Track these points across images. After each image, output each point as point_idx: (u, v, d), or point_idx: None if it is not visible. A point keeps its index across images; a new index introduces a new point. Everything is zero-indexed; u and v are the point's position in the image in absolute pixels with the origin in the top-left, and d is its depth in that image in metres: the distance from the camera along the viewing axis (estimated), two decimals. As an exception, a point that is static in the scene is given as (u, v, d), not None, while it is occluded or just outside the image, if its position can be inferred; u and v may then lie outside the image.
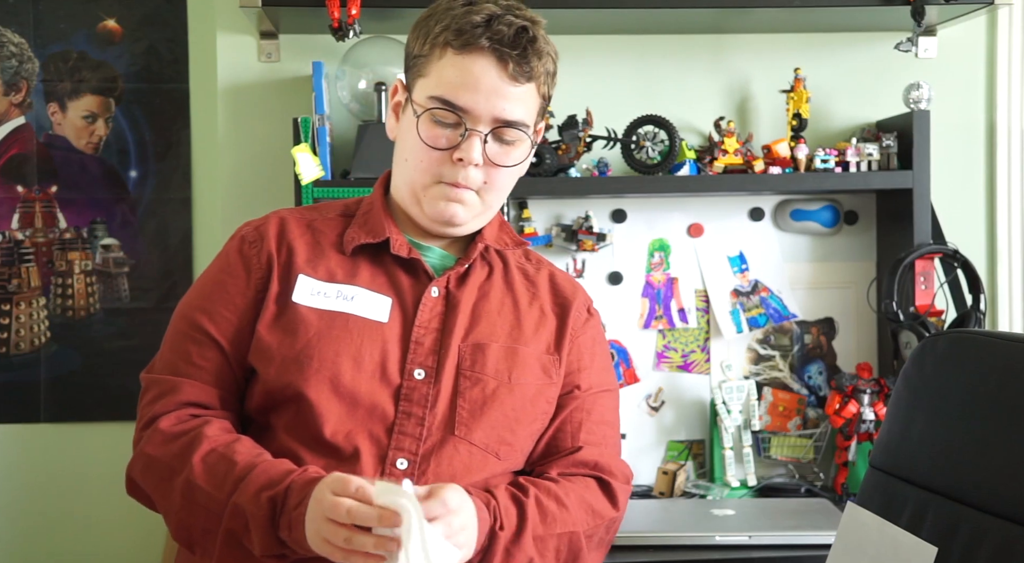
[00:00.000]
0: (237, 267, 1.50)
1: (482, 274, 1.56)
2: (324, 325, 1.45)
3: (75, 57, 2.59)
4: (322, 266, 1.50)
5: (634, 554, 2.08)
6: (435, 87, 1.46)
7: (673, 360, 2.58)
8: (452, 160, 1.46)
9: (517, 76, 1.46)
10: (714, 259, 2.58)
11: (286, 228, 1.53)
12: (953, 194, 2.60)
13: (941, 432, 1.32)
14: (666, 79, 2.57)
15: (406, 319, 1.48)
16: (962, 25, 2.55)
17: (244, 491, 1.33)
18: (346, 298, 1.47)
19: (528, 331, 1.54)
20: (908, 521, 1.31)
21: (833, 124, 2.59)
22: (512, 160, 1.50)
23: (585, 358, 1.59)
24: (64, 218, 2.60)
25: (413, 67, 1.51)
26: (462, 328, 1.49)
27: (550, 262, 1.68)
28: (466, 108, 1.45)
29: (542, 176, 2.38)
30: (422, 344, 1.47)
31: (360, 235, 1.52)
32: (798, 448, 2.57)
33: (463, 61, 1.44)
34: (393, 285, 1.50)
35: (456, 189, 1.48)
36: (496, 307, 1.54)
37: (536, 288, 1.60)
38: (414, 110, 1.48)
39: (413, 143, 1.48)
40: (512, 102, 1.46)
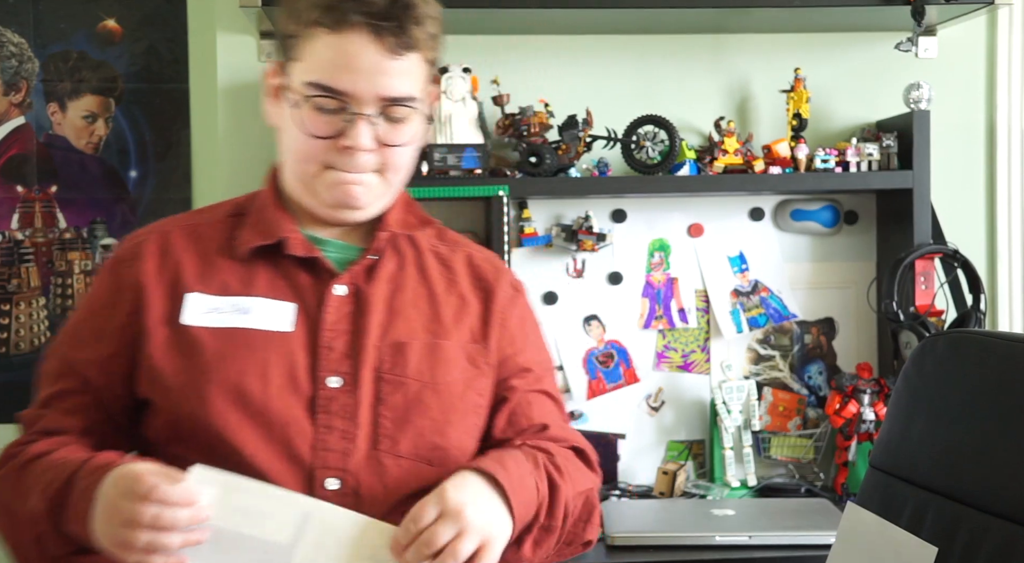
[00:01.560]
0: (105, 290, 1.39)
1: (392, 265, 1.44)
2: (222, 345, 1.32)
3: (75, 57, 2.59)
4: (215, 279, 1.37)
5: (634, 554, 2.08)
6: (311, 72, 1.34)
7: (673, 360, 2.58)
8: (339, 148, 1.35)
9: (397, 49, 1.33)
10: (714, 259, 2.58)
11: (169, 242, 1.40)
12: (953, 194, 2.59)
13: (941, 432, 1.32)
14: (666, 79, 2.57)
15: (312, 324, 1.36)
16: (962, 25, 2.55)
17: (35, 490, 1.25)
18: (243, 311, 1.35)
19: (448, 322, 1.42)
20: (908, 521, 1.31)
21: (833, 124, 2.59)
22: (405, 137, 1.38)
23: (519, 338, 1.49)
24: (64, 218, 2.60)
25: (286, 49, 1.39)
26: (377, 327, 1.37)
27: (467, 240, 1.56)
28: (347, 91, 1.33)
29: (542, 176, 2.38)
30: (333, 348, 1.35)
31: (252, 237, 1.40)
32: (798, 448, 2.57)
33: (336, 40, 1.32)
34: (295, 289, 1.38)
35: (348, 176, 1.37)
36: (412, 300, 1.42)
37: (453, 272, 1.48)
38: (293, 99, 1.36)
39: (295, 133, 1.37)
40: (396, 78, 1.34)
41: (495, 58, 2.49)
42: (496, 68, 2.46)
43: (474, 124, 2.39)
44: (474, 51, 2.48)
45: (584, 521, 1.41)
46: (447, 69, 2.38)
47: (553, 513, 1.34)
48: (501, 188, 2.34)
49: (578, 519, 1.40)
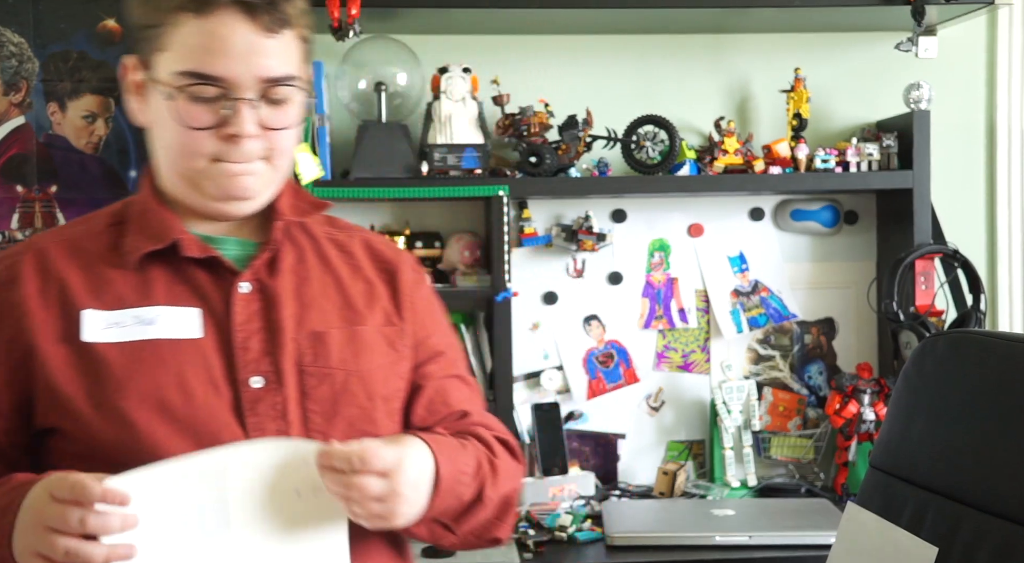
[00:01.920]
0: None
1: (292, 257, 1.37)
2: (131, 360, 1.24)
3: (75, 57, 2.59)
4: (107, 292, 1.28)
5: (634, 554, 2.08)
6: (181, 61, 1.25)
7: (673, 360, 2.58)
8: (223, 137, 1.27)
9: (272, 27, 1.26)
10: (714, 259, 2.58)
11: (48, 259, 1.30)
12: (953, 194, 2.60)
13: (941, 432, 1.32)
14: (666, 79, 2.57)
15: (221, 326, 1.29)
16: (962, 25, 2.55)
17: None
18: (146, 322, 1.26)
19: (360, 308, 1.37)
20: (908, 521, 1.31)
21: (833, 124, 2.59)
22: (290, 119, 1.31)
23: (429, 321, 1.44)
24: (64, 218, 2.60)
25: (146, 41, 1.29)
26: (291, 320, 1.31)
27: (360, 227, 1.50)
28: (224, 76, 1.24)
29: (542, 176, 2.38)
30: (249, 348, 1.28)
31: (141, 243, 1.30)
32: (798, 448, 2.57)
33: (205, 24, 1.24)
34: (196, 292, 1.30)
35: (236, 165, 1.28)
36: (320, 290, 1.36)
37: (354, 258, 1.42)
38: (165, 92, 1.26)
39: (172, 127, 1.27)
40: (274, 57, 1.26)
41: (495, 58, 2.49)
42: (496, 68, 2.46)
43: (474, 124, 2.39)
44: (474, 51, 2.48)
45: (498, 519, 1.37)
46: (447, 69, 2.38)
47: (460, 522, 1.32)
48: (501, 188, 2.34)
49: (492, 519, 1.37)
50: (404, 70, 2.42)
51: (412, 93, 2.44)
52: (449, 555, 2.06)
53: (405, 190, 2.34)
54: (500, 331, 2.35)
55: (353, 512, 1.18)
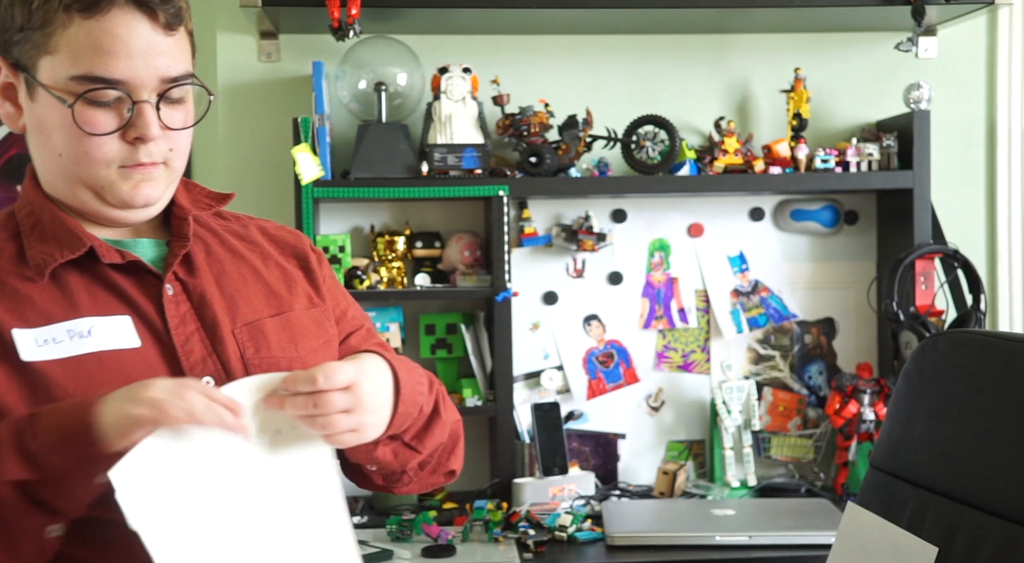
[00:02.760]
0: None
1: (202, 252, 1.33)
2: (76, 375, 1.18)
3: (75, 57, 2.59)
4: (28, 309, 1.20)
5: (634, 554, 2.08)
6: (75, 64, 1.18)
7: (673, 360, 2.58)
8: (127, 140, 1.22)
9: (170, 24, 1.21)
10: (714, 259, 2.58)
11: None
12: (953, 194, 2.60)
13: (941, 432, 1.32)
14: (666, 79, 2.57)
15: (157, 333, 1.24)
16: (962, 25, 2.55)
17: None
18: (81, 335, 1.20)
19: (283, 292, 1.35)
20: (908, 521, 1.31)
21: (833, 124, 2.59)
22: (189, 119, 1.27)
23: (340, 297, 1.45)
24: (64, 218, 2.60)
25: (24, 42, 1.21)
26: (224, 315, 1.28)
27: (246, 214, 1.46)
28: (123, 78, 1.19)
29: (542, 176, 2.38)
30: (191, 351, 1.24)
31: (52, 252, 1.23)
32: (798, 448, 2.57)
33: (100, 25, 1.18)
34: (121, 299, 1.24)
35: (142, 168, 1.24)
36: (239, 281, 1.33)
37: (258, 245, 1.40)
38: (58, 97, 1.20)
39: (68, 134, 1.21)
40: (171, 56, 1.22)
41: (495, 58, 2.49)
42: (496, 68, 2.46)
43: (474, 124, 2.39)
44: (474, 51, 2.48)
45: (448, 452, 1.40)
46: (447, 69, 2.38)
47: (423, 439, 1.33)
48: (501, 188, 2.34)
49: (443, 449, 1.39)
50: (404, 70, 2.42)
51: (412, 93, 2.44)
52: (450, 555, 2.06)
53: (405, 190, 2.35)
54: (500, 331, 2.35)
55: (325, 433, 1.17)
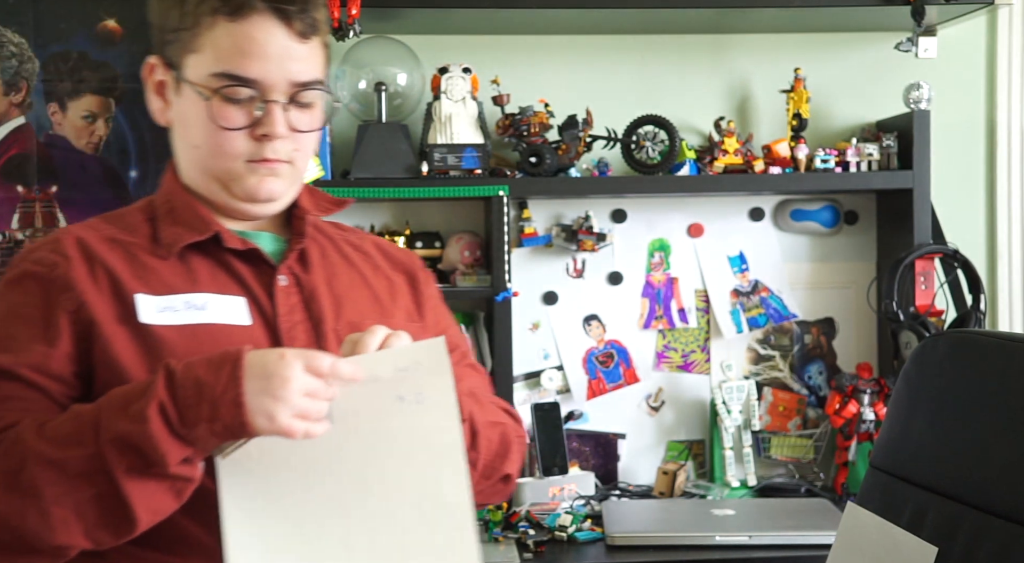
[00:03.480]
0: (37, 296, 1.29)
1: (318, 253, 1.42)
2: (188, 342, 1.28)
3: (75, 57, 2.59)
4: (154, 279, 1.31)
5: (634, 554, 2.08)
6: (216, 62, 1.29)
7: (673, 360, 2.58)
8: (255, 137, 1.32)
9: (304, 33, 1.31)
10: (714, 259, 2.58)
11: (88, 246, 1.33)
12: (953, 194, 2.60)
13: (941, 432, 1.32)
14: (666, 79, 2.57)
15: (266, 316, 1.34)
16: (962, 25, 2.55)
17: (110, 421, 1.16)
18: (197, 307, 1.31)
19: (387, 302, 1.44)
20: (908, 521, 1.31)
21: (833, 124, 2.59)
22: (315, 123, 1.36)
23: (443, 318, 1.52)
24: (64, 218, 2.60)
25: (175, 42, 1.33)
26: (330, 311, 1.37)
27: (364, 231, 1.57)
28: (258, 78, 1.29)
29: (542, 176, 2.38)
30: (295, 338, 1.33)
31: (182, 234, 1.34)
32: (798, 448, 2.57)
33: (241, 28, 1.28)
34: (238, 282, 1.35)
35: (267, 164, 1.33)
36: (349, 283, 1.42)
37: (370, 257, 1.48)
38: (199, 92, 1.31)
39: (204, 127, 1.32)
40: (303, 62, 1.32)
41: (495, 58, 2.49)
42: (496, 68, 2.46)
43: (474, 124, 2.39)
44: (474, 51, 2.48)
45: (500, 455, 1.42)
46: (447, 69, 2.38)
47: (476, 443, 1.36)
48: (501, 188, 2.34)
49: (495, 452, 1.41)
50: (404, 70, 2.42)
51: (412, 93, 2.44)
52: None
53: (405, 190, 2.35)
54: (500, 331, 2.35)
55: None
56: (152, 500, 1.18)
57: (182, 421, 1.15)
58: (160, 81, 1.37)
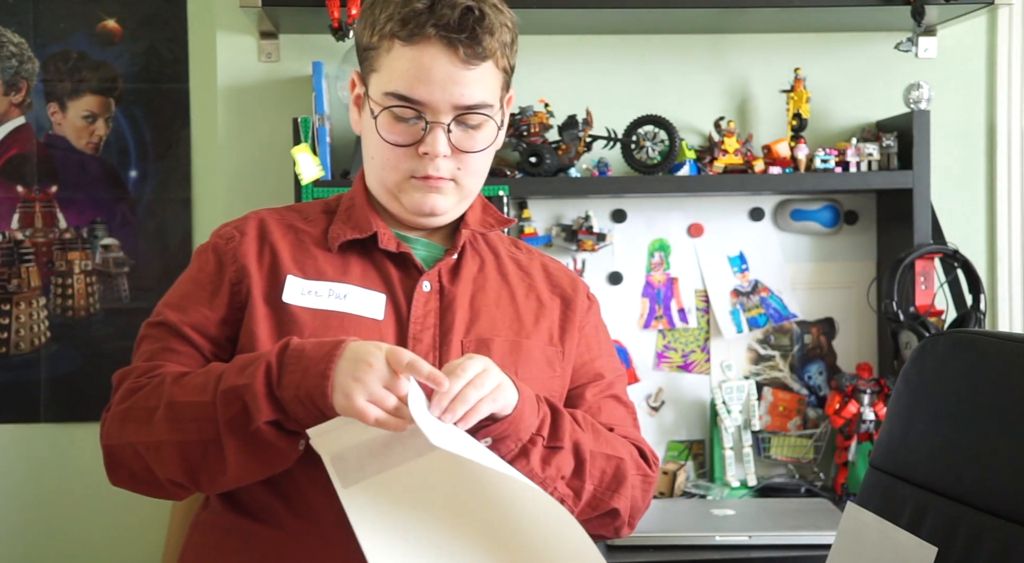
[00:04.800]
0: (211, 263, 1.46)
1: (474, 266, 1.52)
2: (319, 325, 1.40)
3: (75, 57, 2.59)
4: (310, 265, 1.45)
5: (634, 554, 2.08)
6: (388, 83, 1.41)
7: (673, 360, 2.58)
8: (418, 155, 1.42)
9: (470, 59, 1.39)
10: (714, 259, 2.58)
11: (267, 228, 1.49)
12: (953, 194, 2.60)
13: (941, 432, 1.32)
14: (666, 79, 2.57)
15: (400, 316, 1.44)
16: (962, 25, 2.55)
17: (228, 377, 1.29)
18: (338, 296, 1.43)
19: (528, 323, 1.50)
20: (908, 521, 1.31)
21: (833, 124, 2.59)
22: (481, 144, 1.45)
23: (595, 345, 1.57)
24: (64, 218, 2.60)
25: (365, 60, 1.46)
26: (462, 324, 1.45)
27: (541, 251, 1.65)
28: (423, 101, 1.40)
29: (542, 176, 2.38)
30: (421, 341, 1.42)
31: (346, 231, 1.48)
32: (798, 448, 2.57)
33: (412, 52, 1.39)
34: (384, 281, 1.46)
35: (429, 181, 1.44)
36: (494, 300, 1.49)
37: (531, 277, 1.56)
38: (371, 108, 1.44)
39: (376, 141, 1.45)
40: (469, 87, 1.41)
41: (495, 58, 2.49)
42: (496, 68, 2.46)
43: (474, 124, 2.39)
44: (474, 51, 2.48)
45: (611, 490, 1.45)
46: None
47: (557, 434, 1.38)
48: (501, 188, 2.34)
49: (606, 485, 1.44)
50: (404, 70, 2.42)
51: (412, 93, 2.44)
52: None
53: (405, 190, 2.34)
54: (500, 331, 2.35)
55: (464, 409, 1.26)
56: (243, 457, 1.28)
57: (279, 383, 1.26)
58: (358, 94, 1.49)
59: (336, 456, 1.25)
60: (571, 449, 1.39)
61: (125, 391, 1.37)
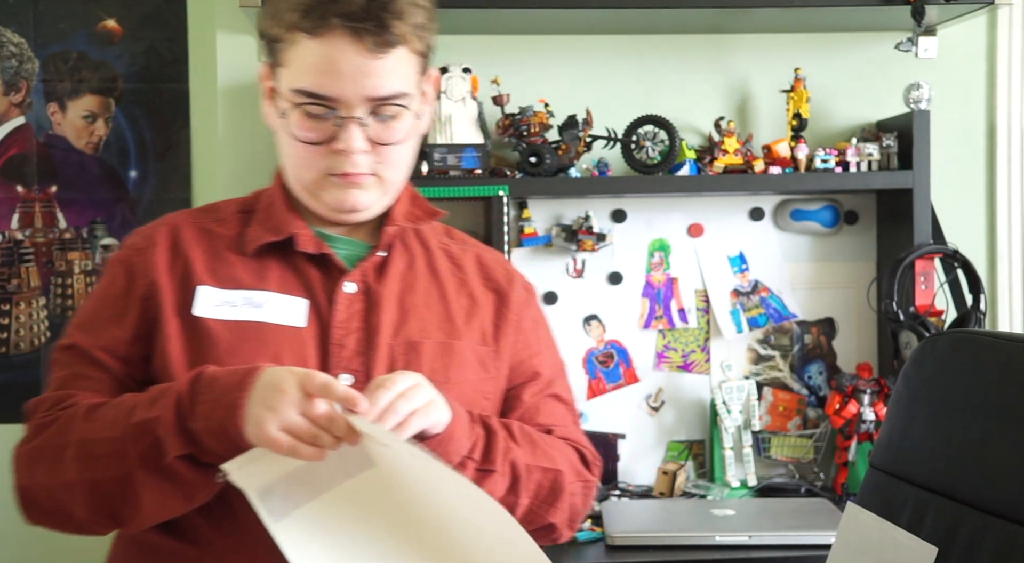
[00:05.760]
0: (120, 278, 1.37)
1: (403, 263, 1.43)
2: (235, 337, 1.32)
3: (75, 57, 2.59)
4: (224, 272, 1.37)
5: (634, 554, 2.08)
6: (296, 79, 1.32)
7: (673, 360, 2.58)
8: (334, 151, 1.34)
9: (379, 48, 1.30)
10: (714, 259, 2.58)
11: (179, 235, 1.40)
12: (953, 194, 2.60)
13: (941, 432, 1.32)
14: (666, 79, 2.57)
15: (323, 321, 1.35)
16: (962, 25, 2.55)
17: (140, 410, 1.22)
18: (255, 305, 1.34)
19: (460, 323, 1.42)
20: (908, 521, 1.31)
21: (833, 124, 2.59)
22: (399, 135, 1.37)
23: (533, 341, 1.49)
24: (64, 218, 2.60)
25: (272, 53, 1.37)
26: (390, 325, 1.37)
27: (476, 241, 1.56)
28: (333, 96, 1.31)
29: (542, 176, 2.38)
30: (344, 346, 1.34)
31: (261, 234, 1.39)
32: (798, 448, 2.57)
33: (317, 46, 1.30)
34: (305, 285, 1.38)
35: (348, 178, 1.36)
36: (423, 299, 1.42)
37: (463, 271, 1.48)
38: (281, 106, 1.36)
39: (287, 139, 1.37)
40: (381, 78, 1.32)
41: (495, 58, 2.49)
42: (496, 68, 2.46)
43: (474, 124, 2.39)
44: (474, 51, 2.48)
45: (547, 504, 1.39)
46: (447, 69, 2.38)
47: (490, 457, 1.32)
48: (501, 188, 2.34)
49: (542, 499, 1.39)
50: (404, 70, 2.42)
51: (412, 93, 2.44)
52: None
53: (405, 190, 2.34)
54: (500, 331, 2.35)
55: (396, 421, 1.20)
56: (158, 494, 1.22)
57: (191, 414, 1.19)
58: (269, 87, 1.40)
59: (262, 491, 1.17)
60: (505, 472, 1.33)
61: (35, 428, 1.30)
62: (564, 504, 1.41)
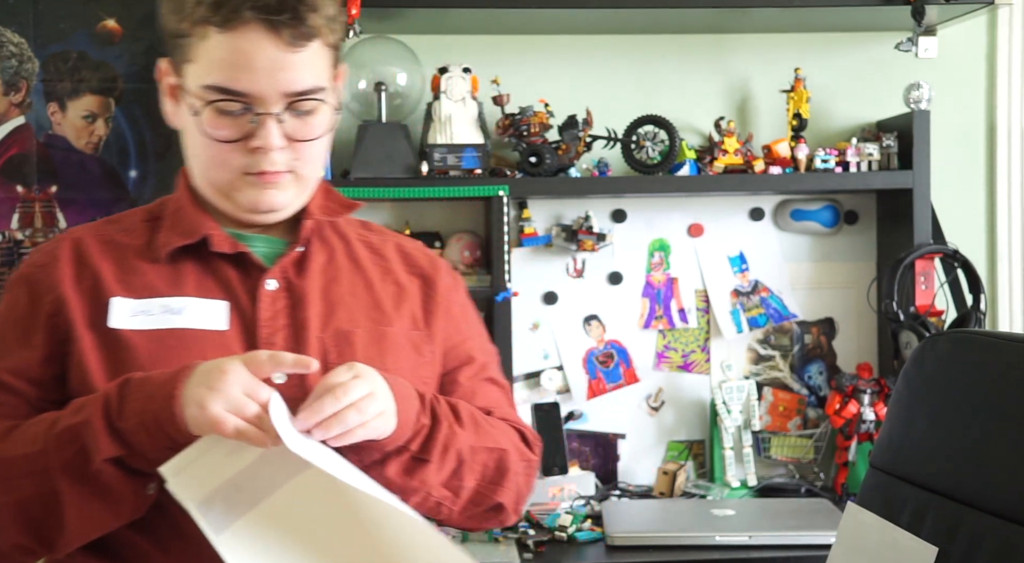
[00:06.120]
0: (23, 298, 1.31)
1: (323, 257, 1.39)
2: (156, 347, 1.26)
3: (75, 57, 2.59)
4: (137, 282, 1.31)
5: (634, 554, 2.09)
6: (207, 75, 1.26)
7: (673, 360, 2.58)
8: (249, 149, 1.28)
9: (295, 41, 1.25)
10: (714, 259, 2.58)
11: (83, 248, 1.33)
12: (953, 194, 2.60)
13: (941, 432, 1.32)
14: (666, 79, 2.57)
15: (246, 321, 1.30)
16: (962, 25, 2.55)
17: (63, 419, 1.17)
18: (173, 312, 1.28)
19: (389, 309, 1.38)
20: (908, 521, 1.31)
21: (833, 124, 2.59)
22: (317, 130, 1.31)
23: (464, 327, 1.46)
24: (64, 218, 2.60)
25: (176, 48, 1.30)
26: (317, 318, 1.32)
27: (393, 231, 1.53)
28: (248, 92, 1.25)
29: (542, 176, 2.38)
30: (273, 344, 1.29)
31: (173, 238, 1.33)
32: (798, 448, 2.57)
33: (230, 40, 1.24)
34: (224, 286, 1.32)
35: (265, 177, 1.30)
36: (348, 290, 1.37)
37: (386, 260, 1.44)
38: (191, 103, 1.29)
39: (200, 138, 1.30)
40: (298, 71, 1.27)
41: (495, 58, 2.49)
42: (496, 68, 2.46)
43: (474, 124, 2.39)
44: (474, 51, 2.48)
45: (494, 483, 1.37)
46: (447, 69, 2.38)
47: (428, 447, 1.29)
48: (501, 188, 2.34)
49: (489, 479, 1.36)
50: (404, 70, 2.42)
51: (412, 93, 2.44)
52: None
53: (405, 190, 2.35)
54: (500, 331, 2.35)
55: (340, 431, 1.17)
56: (84, 508, 1.16)
57: (120, 413, 1.15)
58: (171, 85, 1.34)
59: (201, 502, 1.12)
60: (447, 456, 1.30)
61: None
62: (511, 483, 1.39)
